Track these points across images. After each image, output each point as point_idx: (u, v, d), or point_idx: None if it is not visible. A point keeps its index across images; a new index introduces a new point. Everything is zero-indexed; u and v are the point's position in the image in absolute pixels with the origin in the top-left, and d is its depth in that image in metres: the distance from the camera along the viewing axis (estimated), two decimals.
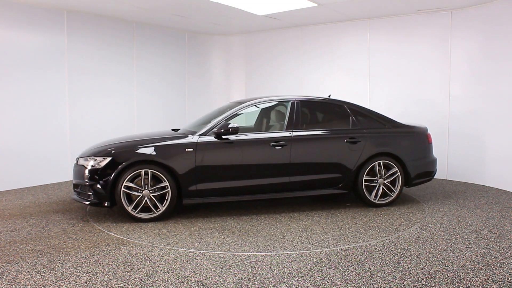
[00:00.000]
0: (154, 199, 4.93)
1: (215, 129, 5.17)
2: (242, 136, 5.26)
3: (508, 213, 5.32)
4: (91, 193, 4.94)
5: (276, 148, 5.26)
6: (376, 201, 5.58)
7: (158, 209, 4.96)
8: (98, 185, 4.88)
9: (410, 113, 7.60)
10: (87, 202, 4.98)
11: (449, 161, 7.45)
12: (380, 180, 5.57)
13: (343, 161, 5.48)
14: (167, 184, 4.92)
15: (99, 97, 7.95)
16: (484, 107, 6.93)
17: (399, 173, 5.59)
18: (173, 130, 5.84)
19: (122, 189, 4.84)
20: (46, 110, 7.20)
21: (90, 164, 4.97)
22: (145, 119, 8.72)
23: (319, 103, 5.78)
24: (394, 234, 4.50)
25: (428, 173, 5.89)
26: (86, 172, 4.96)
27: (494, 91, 6.76)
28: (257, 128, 5.96)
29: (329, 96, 6.07)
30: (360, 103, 6.90)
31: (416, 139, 5.85)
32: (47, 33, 7.15)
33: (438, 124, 7.37)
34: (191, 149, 5.02)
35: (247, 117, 6.11)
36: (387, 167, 5.61)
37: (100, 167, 4.90)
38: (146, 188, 4.90)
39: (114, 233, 4.58)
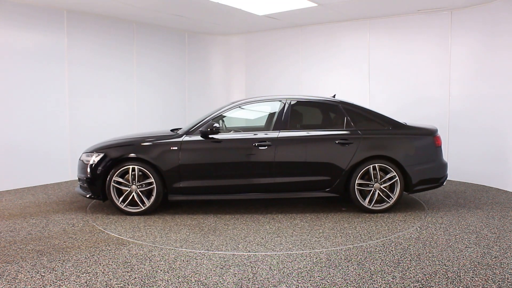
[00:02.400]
0: (141, 194, 5.23)
1: (201, 129, 5.30)
2: (227, 136, 5.36)
3: (508, 213, 5.32)
4: (87, 186, 5.35)
5: (260, 148, 5.23)
6: (370, 207, 5.27)
7: (145, 204, 5.24)
8: (93, 179, 5.27)
9: (410, 112, 7.59)
10: (88, 195, 5.35)
11: (449, 161, 7.44)
12: (376, 185, 5.24)
13: (332, 164, 5.24)
14: (153, 180, 5.18)
15: (99, 97, 7.95)
16: (485, 107, 6.93)
17: (397, 178, 5.22)
18: (173, 130, 5.86)
19: (112, 183, 5.20)
20: (46, 110, 7.20)
21: (87, 159, 5.38)
22: (145, 119, 8.72)
23: (312, 103, 5.66)
24: (394, 234, 4.49)
25: (434, 180, 5.43)
26: (85, 167, 5.38)
27: (494, 90, 6.76)
28: (246, 127, 5.93)
29: (334, 95, 5.94)
30: (360, 102, 6.89)
31: (420, 142, 5.40)
32: (47, 33, 7.15)
33: (438, 124, 7.34)
34: (176, 148, 5.22)
35: (240, 117, 6.07)
36: (386, 171, 5.28)
37: (94, 162, 5.29)
38: (134, 183, 5.21)
39: (114, 233, 4.58)
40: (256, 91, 9.58)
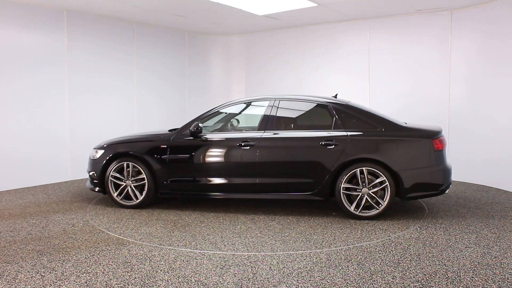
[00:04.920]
0: (134, 189, 5.54)
1: (190, 128, 5.44)
2: (212, 135, 5.48)
3: (508, 213, 5.32)
4: (91, 180, 5.76)
5: (244, 148, 5.23)
6: (357, 213, 4.96)
7: (138, 198, 5.56)
8: (95, 174, 5.68)
9: (410, 112, 7.59)
10: (96, 189, 5.70)
11: (449, 161, 7.43)
12: (364, 190, 4.92)
13: (316, 166, 5.04)
14: (144, 176, 5.46)
15: (99, 97, 7.95)
16: (484, 107, 6.93)
17: (387, 182, 4.87)
18: (171, 130, 5.89)
19: (110, 178, 5.57)
20: (46, 110, 7.20)
21: (93, 155, 5.78)
22: (145, 118, 8.72)
23: (300, 103, 5.51)
24: (394, 234, 4.49)
25: (432, 186, 4.99)
26: (90, 162, 5.81)
27: (494, 90, 6.76)
28: (234, 127, 5.91)
29: (336, 95, 5.82)
30: (359, 102, 6.87)
31: (415, 145, 5.00)
32: (47, 33, 7.15)
33: (438, 124, 7.34)
34: (165, 146, 5.48)
35: (230, 117, 6.07)
36: (376, 176, 4.94)
37: (97, 158, 5.69)
38: (129, 179, 5.54)
39: (114, 233, 4.58)
40: (256, 91, 9.58)
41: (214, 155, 5.40)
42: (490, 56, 6.82)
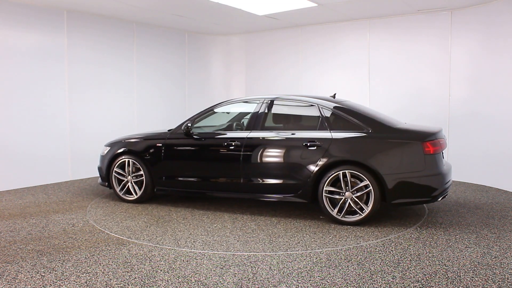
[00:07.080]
0: (134, 184, 5.85)
1: (182, 127, 5.64)
2: (203, 135, 5.62)
3: (508, 213, 5.32)
4: (101, 176, 6.15)
5: (230, 148, 5.27)
6: (340, 217, 4.74)
7: (137, 194, 5.85)
8: (103, 170, 6.05)
9: (410, 112, 7.59)
10: (106, 184, 6.03)
11: (449, 161, 7.44)
12: (347, 194, 4.70)
13: (299, 167, 4.91)
14: (143, 173, 5.74)
15: (99, 98, 7.95)
16: (484, 107, 6.93)
17: (371, 187, 4.61)
18: (170, 130, 5.93)
19: (113, 174, 5.94)
20: (46, 110, 7.20)
21: (103, 151, 6.15)
22: (145, 119, 8.72)
23: (289, 103, 5.44)
24: (394, 234, 4.49)
25: (422, 192, 4.64)
26: (100, 158, 6.19)
27: (494, 91, 6.76)
28: (225, 127, 5.91)
29: (334, 95, 5.75)
30: (360, 102, 6.87)
31: (403, 148, 4.67)
32: (47, 33, 7.15)
33: (438, 124, 7.35)
34: (160, 145, 5.71)
35: (222, 117, 6.11)
36: (361, 179, 4.68)
37: (104, 155, 6.08)
38: (130, 175, 5.87)
39: (114, 233, 4.58)
40: (256, 91, 9.58)
41: (202, 154, 5.54)
42: (490, 56, 6.82)
